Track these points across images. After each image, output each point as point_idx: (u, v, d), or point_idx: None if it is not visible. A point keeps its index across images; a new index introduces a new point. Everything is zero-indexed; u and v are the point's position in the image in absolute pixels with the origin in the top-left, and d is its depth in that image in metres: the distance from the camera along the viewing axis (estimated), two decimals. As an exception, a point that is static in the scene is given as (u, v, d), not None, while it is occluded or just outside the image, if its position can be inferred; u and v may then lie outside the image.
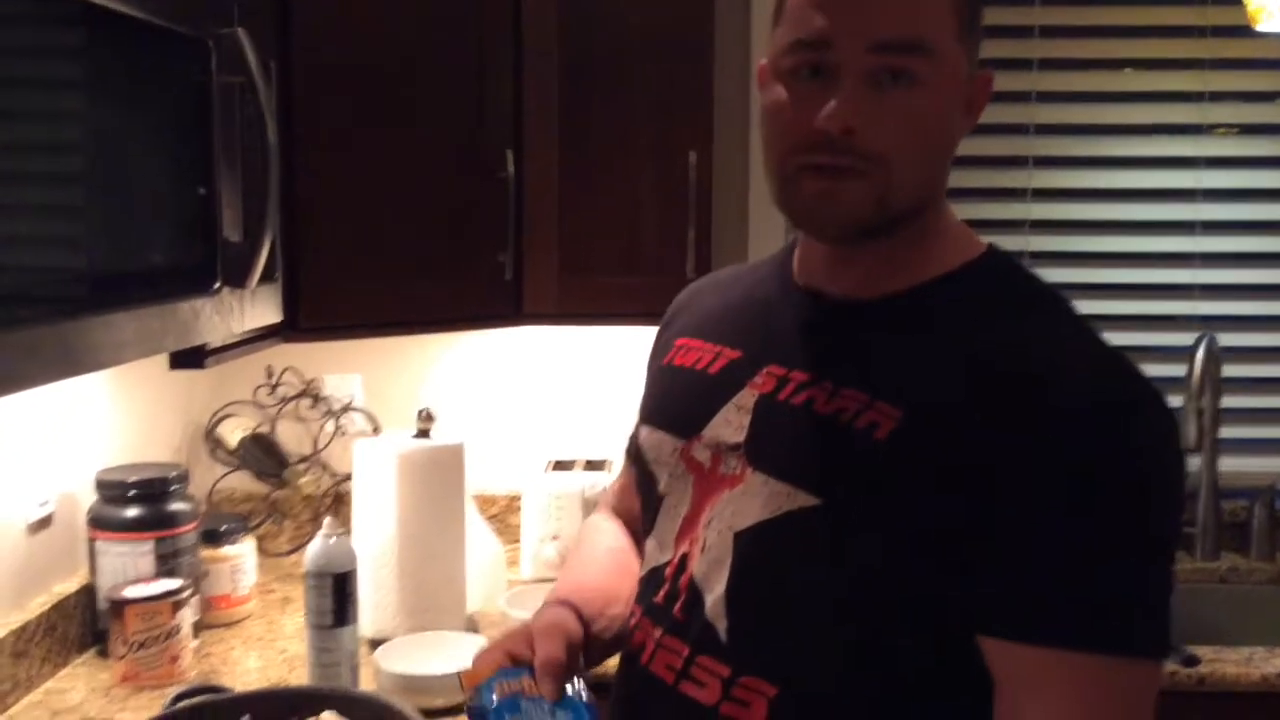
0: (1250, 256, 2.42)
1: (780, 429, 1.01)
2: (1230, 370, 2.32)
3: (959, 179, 1.24)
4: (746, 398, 1.05)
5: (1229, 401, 2.33)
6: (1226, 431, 2.34)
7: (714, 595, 1.01)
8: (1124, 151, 2.41)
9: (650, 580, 1.10)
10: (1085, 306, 1.02)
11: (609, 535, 1.29)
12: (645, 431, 1.16)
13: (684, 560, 1.06)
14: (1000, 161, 2.40)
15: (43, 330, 1.06)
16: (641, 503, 1.18)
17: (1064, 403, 0.91)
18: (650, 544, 1.13)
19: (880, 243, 1.00)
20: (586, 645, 1.11)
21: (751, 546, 1.00)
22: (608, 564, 1.23)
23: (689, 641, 1.03)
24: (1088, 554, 0.89)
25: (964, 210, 1.07)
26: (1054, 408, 0.91)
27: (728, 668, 1.00)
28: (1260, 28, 2.08)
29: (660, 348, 1.22)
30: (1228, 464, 2.35)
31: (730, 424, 1.05)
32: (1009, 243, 1.81)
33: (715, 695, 1.00)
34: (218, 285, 1.38)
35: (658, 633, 1.06)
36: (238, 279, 1.39)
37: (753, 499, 1.00)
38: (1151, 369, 0.98)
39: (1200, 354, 2.24)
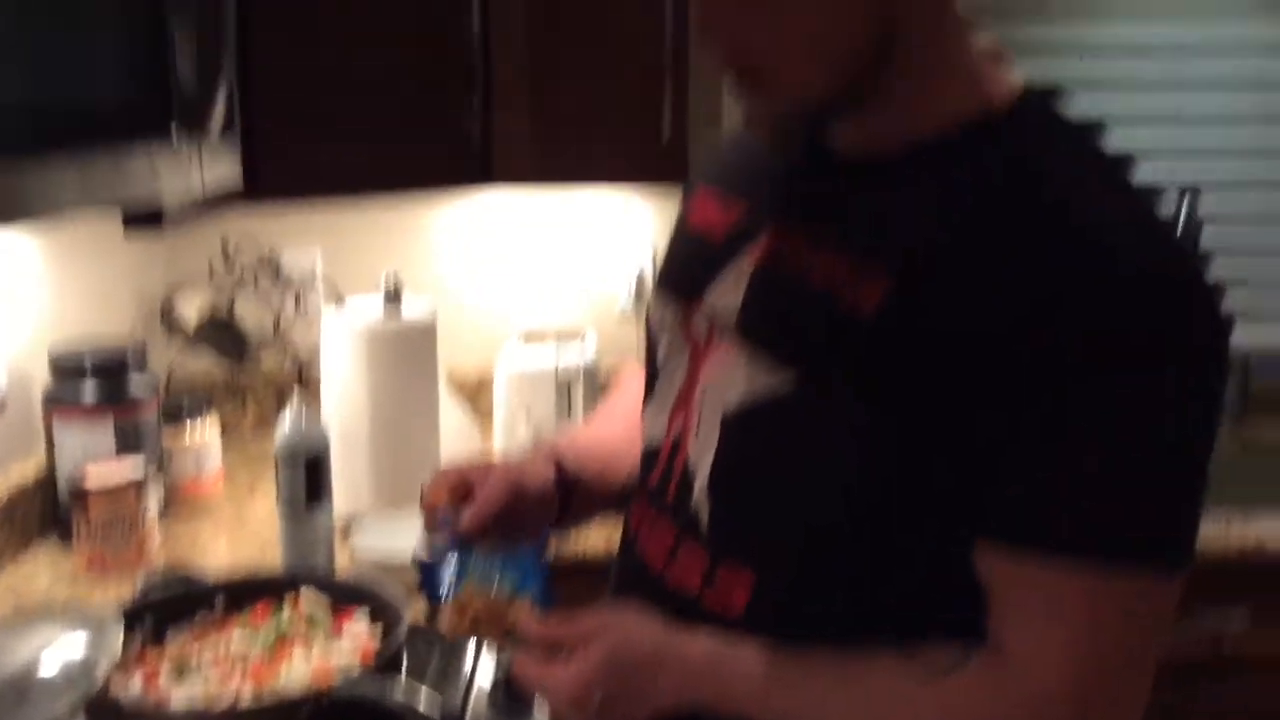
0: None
1: (771, 299, 0.93)
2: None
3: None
4: (746, 263, 0.96)
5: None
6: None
7: (700, 481, 0.96)
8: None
9: (647, 459, 1.06)
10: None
11: (635, 394, 1.23)
12: (653, 294, 1.10)
13: (679, 439, 1.00)
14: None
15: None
16: (646, 371, 1.11)
17: (1093, 265, 0.78)
18: (647, 415, 1.07)
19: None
20: (570, 499, 1.09)
21: (736, 429, 0.93)
22: (627, 420, 1.17)
23: (677, 526, 0.98)
24: (1094, 449, 0.78)
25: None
26: (1080, 270, 0.78)
27: (708, 556, 0.95)
28: None
29: (686, 194, 1.13)
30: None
31: (729, 291, 0.97)
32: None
33: (697, 584, 0.95)
34: (173, 131, 1.26)
35: (651, 514, 1.02)
36: (194, 121, 1.26)
37: (738, 372, 0.93)
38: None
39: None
